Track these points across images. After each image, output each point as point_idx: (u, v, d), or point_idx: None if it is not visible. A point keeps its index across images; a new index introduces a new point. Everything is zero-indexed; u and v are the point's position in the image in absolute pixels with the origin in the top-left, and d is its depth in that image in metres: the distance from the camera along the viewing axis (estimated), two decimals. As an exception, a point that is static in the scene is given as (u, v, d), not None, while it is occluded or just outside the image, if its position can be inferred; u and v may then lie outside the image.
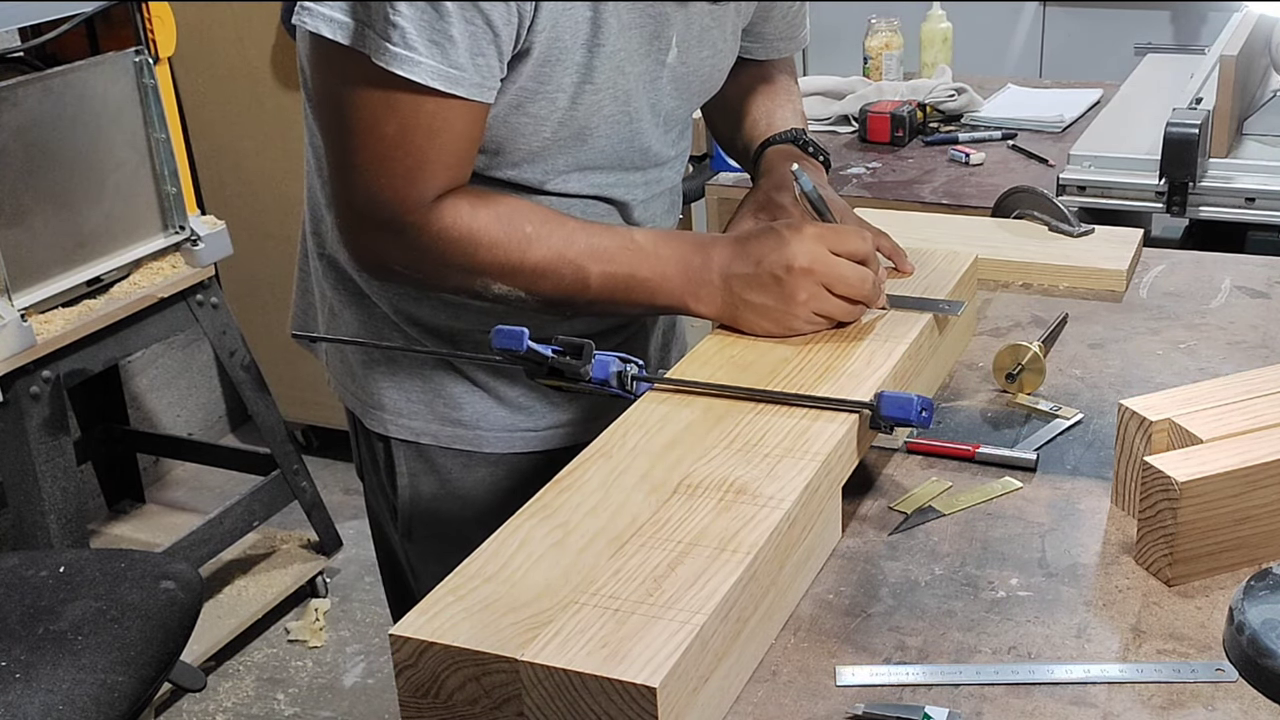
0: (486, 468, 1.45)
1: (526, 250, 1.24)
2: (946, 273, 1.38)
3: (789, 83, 1.60)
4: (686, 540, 0.95)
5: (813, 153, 1.49)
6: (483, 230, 1.23)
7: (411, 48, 1.14)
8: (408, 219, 1.23)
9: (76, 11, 2.37)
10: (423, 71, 1.15)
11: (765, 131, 1.50)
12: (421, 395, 1.42)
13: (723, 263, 1.25)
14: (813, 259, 1.22)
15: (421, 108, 1.17)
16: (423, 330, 1.40)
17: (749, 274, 1.24)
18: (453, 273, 1.26)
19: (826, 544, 1.09)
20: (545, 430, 1.45)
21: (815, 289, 1.23)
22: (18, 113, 2.28)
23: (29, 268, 2.32)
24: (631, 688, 0.81)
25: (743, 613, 0.93)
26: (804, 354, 1.22)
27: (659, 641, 0.85)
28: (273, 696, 2.76)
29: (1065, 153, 2.44)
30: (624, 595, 0.89)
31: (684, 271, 1.26)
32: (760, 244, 1.25)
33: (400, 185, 1.21)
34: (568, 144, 1.29)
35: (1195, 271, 1.60)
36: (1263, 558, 1.04)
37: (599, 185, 1.36)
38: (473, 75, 1.17)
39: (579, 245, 1.25)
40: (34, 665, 1.66)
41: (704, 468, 1.04)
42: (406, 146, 1.19)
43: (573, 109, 1.26)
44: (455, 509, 1.46)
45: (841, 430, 1.09)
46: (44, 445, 2.36)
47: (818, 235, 1.24)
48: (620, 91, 1.28)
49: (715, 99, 1.49)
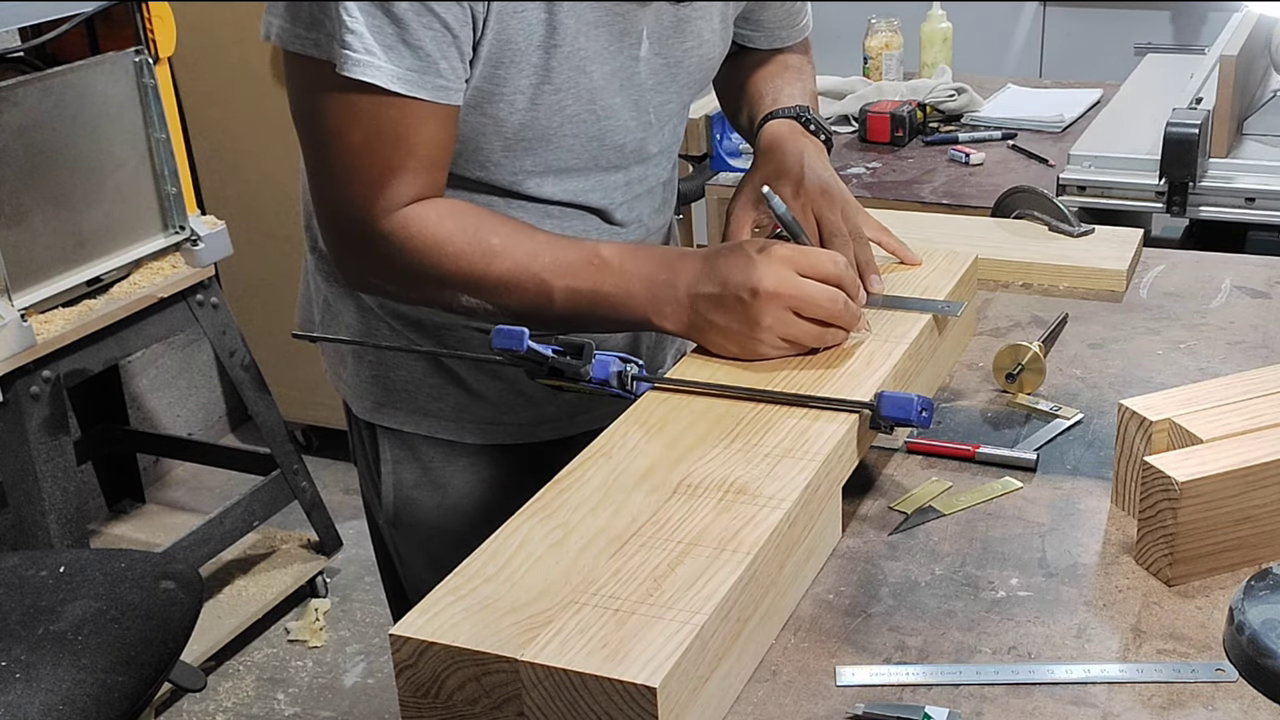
0: (467, 458, 1.46)
1: (491, 263, 1.22)
2: (946, 273, 1.38)
3: (801, 62, 1.59)
4: (687, 540, 0.95)
5: (814, 130, 1.45)
6: (448, 240, 1.22)
7: (370, 52, 1.14)
8: (377, 228, 1.22)
9: (77, 11, 2.37)
10: (383, 75, 1.15)
11: (769, 106, 1.48)
12: (405, 385, 1.43)
13: (689, 280, 1.22)
14: (779, 282, 1.18)
15: (385, 113, 1.17)
16: (407, 324, 1.41)
17: (714, 294, 1.20)
18: (422, 284, 1.25)
19: (827, 544, 1.09)
20: (528, 424, 1.45)
21: (781, 313, 1.18)
22: (18, 113, 2.28)
23: (29, 267, 2.33)
24: (632, 688, 0.81)
25: (743, 613, 0.93)
26: (804, 355, 1.22)
27: (659, 641, 0.85)
28: (273, 696, 2.76)
29: (1065, 153, 2.44)
30: (624, 595, 0.89)
31: (649, 288, 1.23)
32: (727, 264, 1.20)
33: (368, 193, 1.21)
34: (533, 145, 1.29)
35: (1195, 271, 1.60)
36: (1263, 558, 1.04)
37: (574, 190, 1.35)
38: (434, 77, 1.17)
39: (544, 259, 1.23)
40: (34, 665, 1.66)
41: (704, 468, 1.04)
42: (373, 154, 1.19)
43: (533, 110, 1.25)
44: (437, 498, 1.47)
45: (841, 430, 1.09)
46: (44, 445, 2.36)
47: (785, 258, 1.20)
48: (584, 91, 1.28)
49: (725, 77, 1.49)
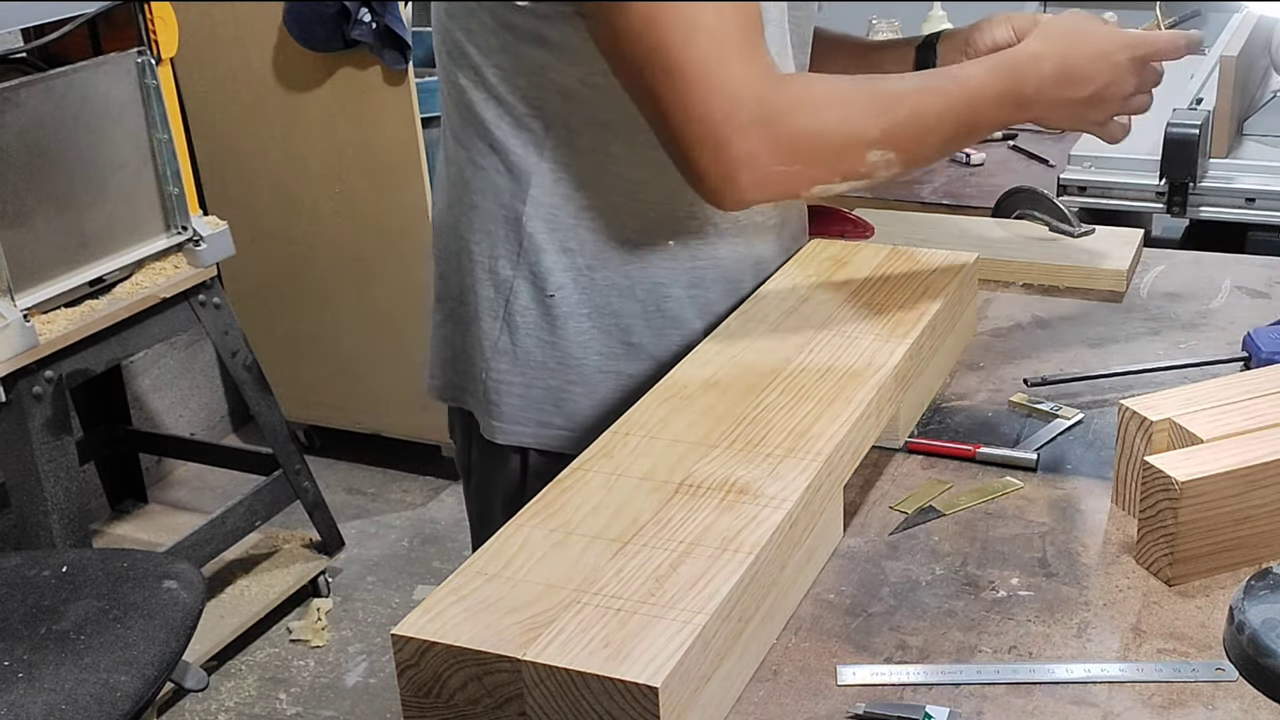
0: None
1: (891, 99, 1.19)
2: (948, 272, 1.38)
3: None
4: (688, 540, 0.95)
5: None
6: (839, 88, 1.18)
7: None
8: (770, 100, 1.13)
9: (79, 12, 2.37)
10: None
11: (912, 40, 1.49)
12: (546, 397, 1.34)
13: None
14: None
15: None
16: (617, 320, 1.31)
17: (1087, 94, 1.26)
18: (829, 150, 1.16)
19: (828, 544, 1.09)
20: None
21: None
22: (20, 113, 2.29)
23: (31, 268, 2.33)
24: (634, 687, 0.82)
25: (744, 613, 0.93)
26: (805, 355, 1.22)
27: (661, 641, 0.85)
28: (275, 696, 2.76)
29: (1065, 153, 2.45)
30: (626, 595, 0.90)
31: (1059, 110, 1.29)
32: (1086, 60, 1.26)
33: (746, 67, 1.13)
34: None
35: (1195, 271, 1.60)
36: (1263, 557, 1.04)
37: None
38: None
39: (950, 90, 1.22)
40: (37, 665, 1.67)
41: (706, 468, 1.05)
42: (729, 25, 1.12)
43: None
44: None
45: (843, 430, 1.09)
46: (46, 445, 2.36)
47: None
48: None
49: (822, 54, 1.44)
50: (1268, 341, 1.32)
